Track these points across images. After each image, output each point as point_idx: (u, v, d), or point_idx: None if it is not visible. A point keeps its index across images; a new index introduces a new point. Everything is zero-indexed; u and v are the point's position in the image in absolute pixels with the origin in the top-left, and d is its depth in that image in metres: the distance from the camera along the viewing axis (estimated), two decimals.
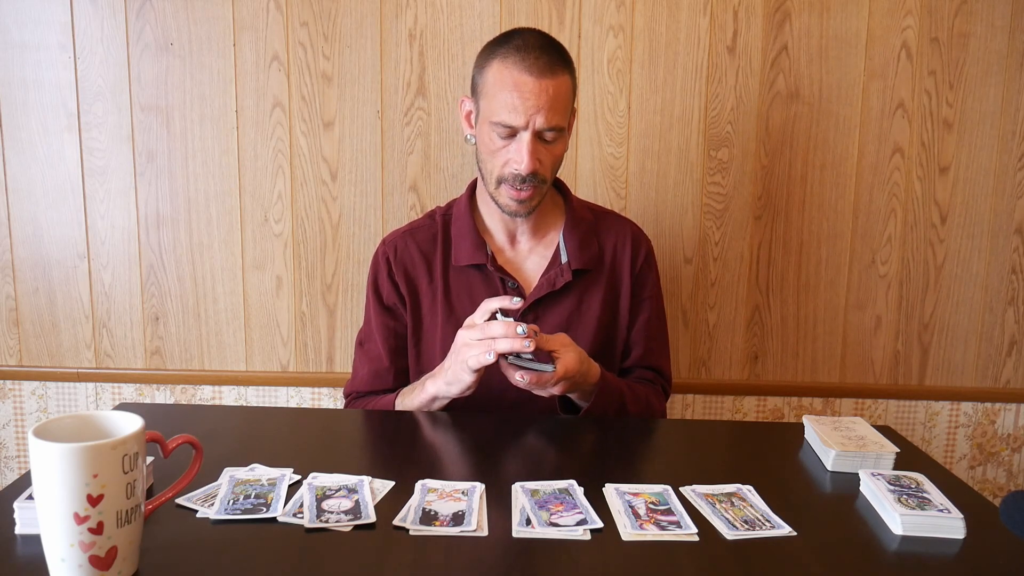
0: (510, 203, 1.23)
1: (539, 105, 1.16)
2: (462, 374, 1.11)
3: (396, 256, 1.31)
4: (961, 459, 1.79)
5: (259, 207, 1.70)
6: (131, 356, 1.75)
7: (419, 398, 1.19)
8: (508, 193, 1.22)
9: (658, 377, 1.36)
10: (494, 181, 1.23)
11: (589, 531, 0.82)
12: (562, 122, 1.20)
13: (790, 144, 1.68)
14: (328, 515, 0.83)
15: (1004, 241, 1.71)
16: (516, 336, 1.07)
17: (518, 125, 1.17)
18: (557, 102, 1.18)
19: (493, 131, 1.20)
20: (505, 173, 1.21)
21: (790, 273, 1.72)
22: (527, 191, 1.21)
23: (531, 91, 1.16)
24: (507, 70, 1.18)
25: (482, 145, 1.24)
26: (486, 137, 1.22)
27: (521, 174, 1.19)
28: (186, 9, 1.63)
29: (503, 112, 1.17)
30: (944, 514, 0.84)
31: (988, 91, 1.65)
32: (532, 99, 1.16)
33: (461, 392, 1.13)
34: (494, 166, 1.22)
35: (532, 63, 1.16)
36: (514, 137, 1.19)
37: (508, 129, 1.18)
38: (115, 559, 0.70)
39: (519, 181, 1.20)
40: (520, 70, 1.17)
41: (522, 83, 1.16)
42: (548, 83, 1.17)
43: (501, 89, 1.18)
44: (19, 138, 1.68)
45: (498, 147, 1.21)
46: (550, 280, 1.28)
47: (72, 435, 0.70)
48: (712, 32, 1.64)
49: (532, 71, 1.16)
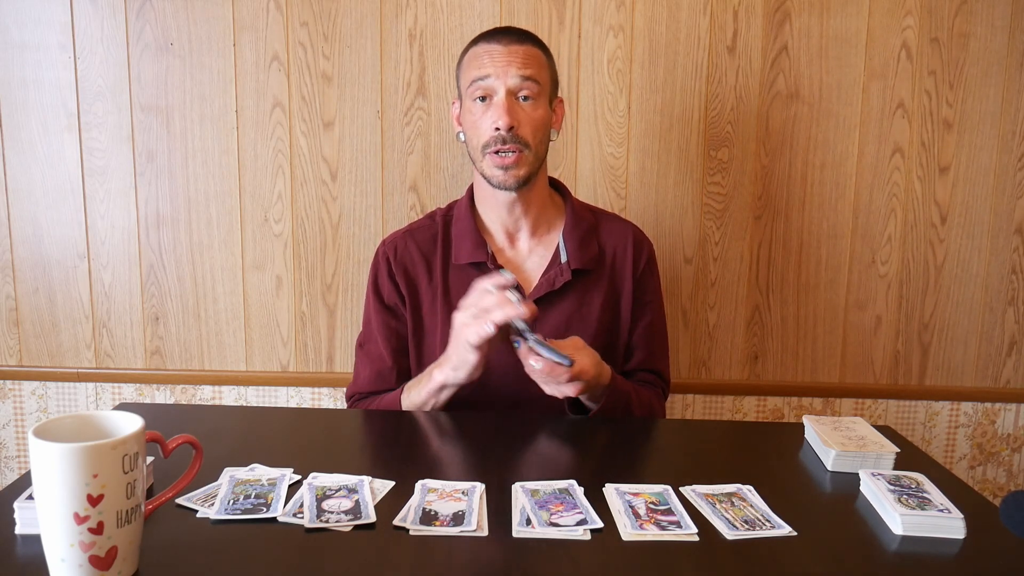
0: (496, 172, 1.24)
1: (509, 62, 1.22)
2: (466, 354, 1.11)
3: (396, 256, 1.32)
4: (961, 459, 1.79)
5: (259, 207, 1.70)
6: (131, 356, 1.75)
7: (427, 388, 1.18)
8: (492, 161, 1.24)
9: (658, 380, 1.36)
10: (480, 153, 1.25)
11: (589, 531, 0.82)
12: (536, 76, 1.23)
13: (790, 144, 1.68)
14: (328, 515, 0.83)
15: (1004, 241, 1.71)
16: (509, 303, 1.07)
17: (491, 75, 1.22)
18: (528, 60, 1.24)
19: (471, 100, 1.25)
20: (486, 138, 1.23)
21: (790, 273, 1.72)
22: (510, 156, 1.23)
23: (500, 53, 1.23)
24: (477, 48, 1.26)
25: (465, 123, 1.28)
26: (467, 113, 1.26)
27: (501, 133, 1.21)
28: (186, 9, 1.63)
29: (474, 70, 1.24)
30: (944, 514, 0.84)
31: (988, 91, 1.65)
32: (501, 59, 1.22)
33: (468, 375, 1.13)
34: (479, 137, 1.24)
35: (500, 36, 1.25)
36: (489, 99, 1.24)
37: (483, 87, 1.23)
38: (115, 559, 0.70)
39: (500, 143, 1.22)
40: (487, 42, 1.25)
41: (491, 50, 1.24)
42: (517, 47, 1.24)
43: (474, 58, 1.25)
44: (19, 138, 1.68)
45: (478, 116, 1.24)
46: (550, 280, 1.28)
47: (72, 435, 0.70)
48: (712, 32, 1.64)
49: (500, 40, 1.24)
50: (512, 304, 1.06)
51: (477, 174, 1.30)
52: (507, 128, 1.21)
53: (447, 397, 1.19)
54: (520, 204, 1.29)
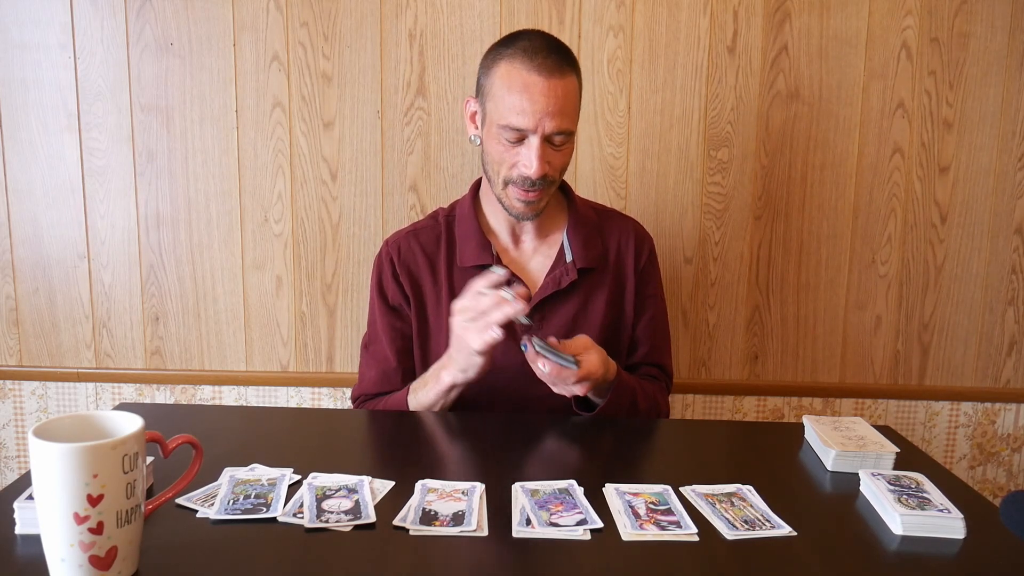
0: (517, 205, 1.23)
1: (548, 108, 1.15)
2: (472, 359, 1.11)
3: (400, 257, 1.31)
4: (961, 459, 1.79)
5: (259, 207, 1.70)
6: (131, 356, 1.75)
7: (435, 390, 1.18)
8: (516, 195, 1.21)
9: (661, 374, 1.36)
10: (501, 183, 1.22)
11: (589, 531, 0.82)
12: (571, 126, 1.19)
13: (790, 144, 1.68)
14: (328, 515, 0.83)
15: (1004, 241, 1.71)
16: (506, 302, 1.06)
17: (527, 128, 1.16)
18: (566, 104, 1.17)
19: (501, 134, 1.18)
20: (513, 175, 1.20)
21: (790, 273, 1.72)
22: (535, 193, 1.21)
23: (540, 92, 1.14)
24: (515, 71, 1.16)
25: (489, 147, 1.22)
26: (494, 140, 1.20)
27: (531, 178, 1.18)
28: (186, 9, 1.63)
29: (512, 115, 1.16)
30: (944, 514, 0.84)
31: (988, 91, 1.65)
32: (541, 101, 1.15)
33: (478, 374, 1.14)
34: (501, 168, 1.21)
35: (540, 63, 1.15)
36: (522, 141, 1.18)
37: (517, 133, 1.17)
38: (115, 559, 0.70)
39: (528, 184, 1.19)
40: (528, 70, 1.15)
41: (531, 84, 1.15)
42: (557, 83, 1.15)
43: (509, 91, 1.16)
44: (19, 138, 1.68)
45: (506, 150, 1.19)
46: (555, 279, 1.28)
47: (72, 435, 0.70)
48: (712, 32, 1.64)
49: (540, 71, 1.15)
50: (509, 302, 1.06)
51: (487, 183, 1.29)
52: (539, 177, 1.18)
53: (456, 396, 1.19)
54: None
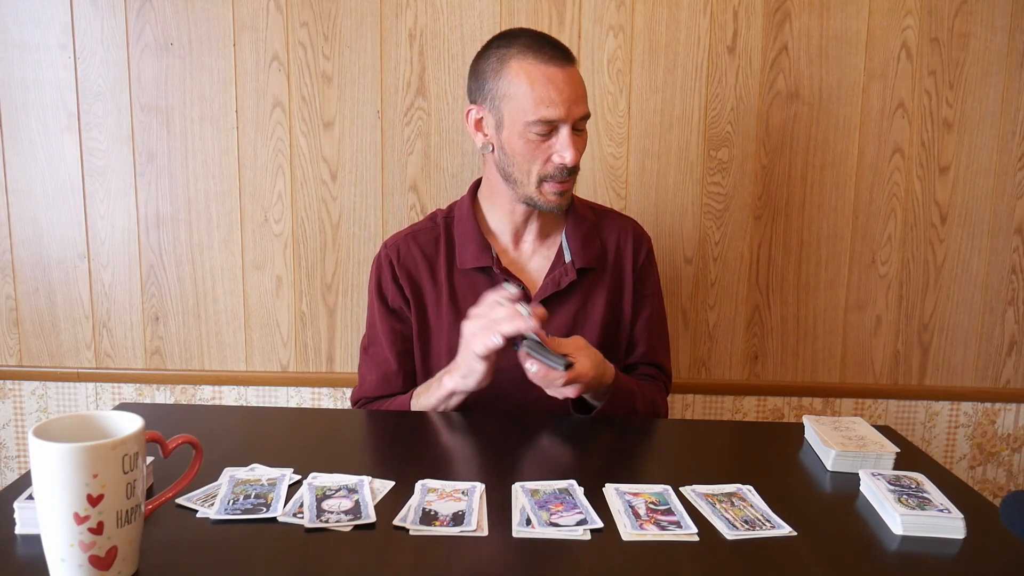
0: (553, 198, 1.24)
1: (573, 94, 1.19)
2: (474, 363, 1.12)
3: (399, 259, 1.31)
4: (961, 459, 1.79)
5: (259, 207, 1.70)
6: (131, 356, 1.75)
7: (436, 395, 1.19)
8: (552, 189, 1.23)
9: (660, 373, 1.37)
10: (535, 180, 1.23)
11: (589, 531, 0.82)
12: (589, 110, 1.23)
13: (790, 144, 1.68)
14: (328, 515, 0.83)
15: (1004, 241, 1.71)
16: (520, 316, 1.07)
17: (559, 118, 1.18)
18: (583, 89, 1.22)
19: (530, 131, 1.19)
20: (549, 170, 1.22)
21: (790, 273, 1.72)
22: (569, 182, 1.24)
23: (564, 81, 1.18)
24: (531, 67, 1.18)
25: (514, 148, 1.22)
26: (519, 139, 1.21)
27: (567, 166, 1.20)
28: (186, 9, 1.63)
29: (542, 109, 1.18)
30: (944, 514, 0.84)
31: (988, 91, 1.65)
32: (567, 89, 1.18)
33: (478, 383, 1.14)
34: (534, 166, 1.22)
35: (551, 55, 1.19)
36: (551, 133, 1.20)
37: (548, 125, 1.19)
38: (115, 559, 0.70)
39: (564, 174, 1.22)
40: (544, 63, 1.18)
41: (552, 75, 1.18)
42: (572, 71, 1.21)
43: (532, 87, 1.18)
44: (19, 138, 1.68)
45: (536, 146, 1.21)
46: (555, 280, 1.28)
47: (72, 435, 0.70)
48: (712, 32, 1.64)
49: (556, 62, 1.18)
50: (523, 317, 1.07)
51: (489, 179, 1.30)
52: (574, 163, 1.21)
53: (456, 403, 1.19)
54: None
